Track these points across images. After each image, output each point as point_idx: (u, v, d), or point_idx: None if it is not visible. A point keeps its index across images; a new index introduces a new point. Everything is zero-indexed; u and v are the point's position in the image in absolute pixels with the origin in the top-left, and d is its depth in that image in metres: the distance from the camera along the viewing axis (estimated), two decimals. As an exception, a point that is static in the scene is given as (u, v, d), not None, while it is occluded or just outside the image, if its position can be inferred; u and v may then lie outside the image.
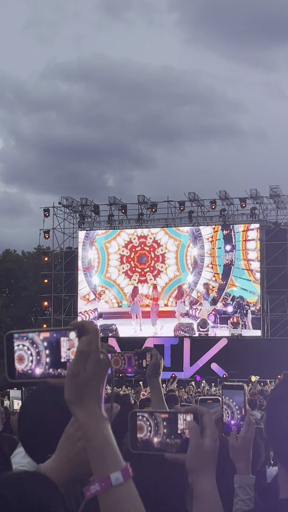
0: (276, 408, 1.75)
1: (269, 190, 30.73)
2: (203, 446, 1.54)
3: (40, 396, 2.43)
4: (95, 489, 1.26)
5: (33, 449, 2.40)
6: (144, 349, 3.08)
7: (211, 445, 1.54)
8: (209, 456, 1.53)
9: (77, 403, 1.30)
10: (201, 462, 1.53)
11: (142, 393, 16.64)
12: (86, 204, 33.31)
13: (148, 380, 3.04)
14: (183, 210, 31.72)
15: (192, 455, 1.53)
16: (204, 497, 1.53)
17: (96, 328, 1.34)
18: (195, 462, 1.52)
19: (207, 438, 1.55)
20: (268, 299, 30.63)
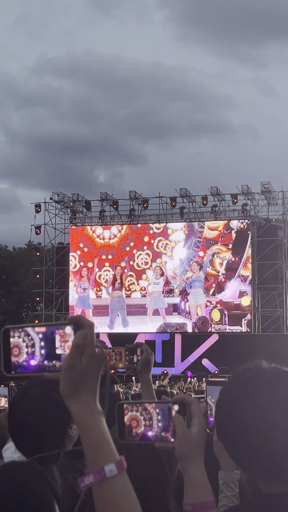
0: (226, 418, 1.68)
1: (261, 186, 30.77)
2: (190, 434, 1.57)
3: (30, 392, 2.43)
4: (89, 480, 1.28)
5: (24, 444, 2.40)
6: (135, 344, 3.08)
7: (198, 433, 1.58)
8: (196, 443, 1.57)
9: (72, 397, 1.32)
10: (189, 450, 1.57)
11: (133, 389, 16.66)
12: (77, 199, 33.25)
13: (139, 375, 3.05)
14: (174, 206, 31.72)
15: (179, 443, 1.56)
16: (193, 483, 1.56)
17: (92, 322, 1.36)
18: (183, 450, 1.55)
19: (194, 426, 1.59)
20: (259, 295, 30.70)
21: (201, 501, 1.55)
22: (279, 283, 30.38)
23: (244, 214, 31.15)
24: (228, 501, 2.17)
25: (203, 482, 1.57)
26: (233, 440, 1.66)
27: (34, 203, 33.14)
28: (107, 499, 1.28)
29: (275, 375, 1.69)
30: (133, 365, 3.02)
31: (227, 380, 1.79)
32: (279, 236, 30.97)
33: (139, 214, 32.60)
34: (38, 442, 2.31)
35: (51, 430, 2.33)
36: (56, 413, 2.29)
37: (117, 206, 32.65)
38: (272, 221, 31.35)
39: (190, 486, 1.57)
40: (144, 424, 1.65)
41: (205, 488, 1.57)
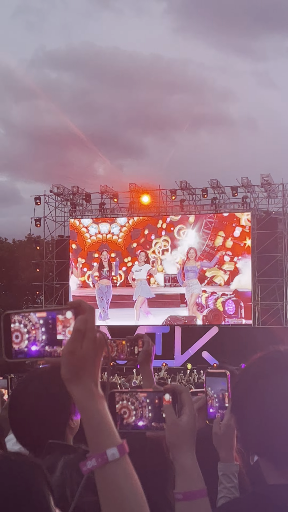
0: (242, 401, 1.71)
1: (261, 179, 30.73)
2: (180, 423, 1.59)
3: (30, 384, 2.44)
4: (91, 464, 1.29)
5: (24, 437, 2.41)
6: (136, 335, 3.08)
7: (188, 422, 1.59)
8: (187, 432, 1.58)
9: (74, 381, 1.32)
10: (180, 439, 1.58)
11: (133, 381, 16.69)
12: (77, 192, 33.20)
13: (140, 367, 3.05)
14: (174, 199, 31.69)
15: (170, 432, 1.58)
16: (184, 472, 1.57)
17: (92, 307, 1.36)
18: (173, 438, 1.56)
19: (185, 415, 1.60)
20: (259, 287, 30.71)
21: (192, 489, 1.56)
22: (279, 275, 30.38)
23: (244, 206, 31.12)
24: (227, 492, 2.18)
25: (193, 471, 1.58)
26: (248, 421, 1.66)
27: (34, 195, 33.12)
28: (110, 483, 1.29)
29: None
30: (134, 357, 3.03)
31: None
32: (279, 228, 30.94)
33: (139, 206, 32.56)
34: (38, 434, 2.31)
35: (52, 422, 2.33)
36: (57, 405, 2.30)
37: (117, 199, 32.62)
38: (272, 213, 31.32)
39: (181, 474, 1.58)
40: (135, 413, 1.66)
41: (196, 477, 1.58)
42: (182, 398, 1.63)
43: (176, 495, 1.58)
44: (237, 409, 1.72)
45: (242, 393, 1.70)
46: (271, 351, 1.76)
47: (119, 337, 3.09)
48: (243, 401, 1.69)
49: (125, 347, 3.01)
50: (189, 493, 1.56)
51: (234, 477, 2.19)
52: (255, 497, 1.69)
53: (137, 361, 3.02)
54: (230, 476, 2.19)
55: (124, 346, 3.01)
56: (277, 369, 1.68)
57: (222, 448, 2.16)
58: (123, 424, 1.67)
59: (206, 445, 2.12)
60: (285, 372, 1.67)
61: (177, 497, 1.58)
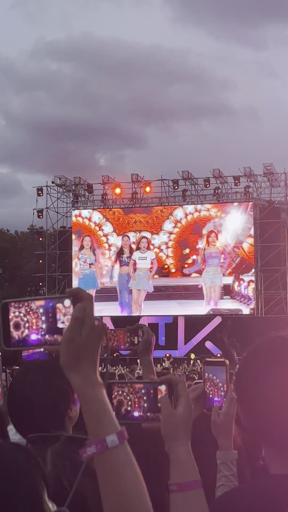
0: (245, 388, 1.72)
1: (263, 168, 30.66)
2: (176, 414, 1.59)
3: (28, 375, 2.44)
4: (91, 451, 1.30)
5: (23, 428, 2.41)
6: (135, 326, 3.08)
7: (184, 413, 1.59)
8: (182, 423, 1.58)
9: (73, 369, 1.32)
10: (175, 430, 1.58)
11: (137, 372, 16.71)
12: (79, 183, 33.18)
13: (140, 357, 3.04)
14: (177, 189, 31.64)
15: (165, 423, 1.58)
16: (179, 463, 1.57)
17: (91, 295, 1.36)
18: (169, 429, 1.57)
19: (181, 406, 1.60)
20: (262, 277, 30.70)
21: (186, 480, 1.56)
22: (282, 265, 30.36)
23: (246, 196, 31.08)
24: (226, 480, 2.17)
25: (188, 462, 1.58)
26: (253, 409, 1.67)
27: (36, 186, 33.12)
28: (109, 470, 1.30)
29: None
30: (134, 347, 3.02)
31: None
32: (281, 218, 30.89)
33: (141, 197, 32.54)
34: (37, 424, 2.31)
35: (51, 412, 2.33)
36: (55, 395, 2.30)
37: (120, 189, 32.58)
38: (274, 203, 31.27)
39: (176, 466, 1.58)
40: (131, 404, 1.66)
41: (191, 468, 1.58)
42: (178, 389, 1.62)
43: (171, 486, 1.57)
44: (242, 396, 1.72)
45: (248, 380, 1.70)
46: (274, 338, 1.76)
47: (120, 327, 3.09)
48: (248, 389, 1.69)
49: (125, 337, 3.01)
50: (183, 484, 1.56)
51: (233, 465, 2.18)
52: (255, 487, 1.69)
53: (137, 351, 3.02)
54: (229, 464, 2.18)
55: (124, 336, 3.01)
56: (282, 356, 1.68)
57: (221, 436, 2.15)
58: (119, 414, 1.66)
59: (205, 434, 2.10)
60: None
61: (172, 488, 1.57)
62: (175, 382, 1.63)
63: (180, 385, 1.63)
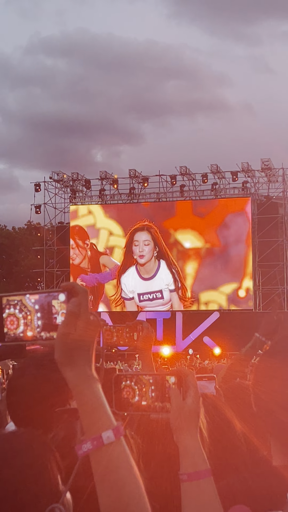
0: (262, 378, 1.75)
1: (261, 164, 30.66)
2: (185, 406, 1.61)
3: (26, 371, 2.43)
4: (87, 447, 1.29)
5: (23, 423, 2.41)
6: (135, 321, 3.07)
7: (193, 405, 1.61)
8: (191, 415, 1.60)
9: (67, 364, 1.31)
10: (184, 421, 1.60)
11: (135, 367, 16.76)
12: (77, 178, 33.15)
13: (139, 353, 3.04)
14: (174, 184, 31.63)
15: (174, 415, 1.60)
16: (188, 453, 1.59)
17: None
18: (178, 421, 1.59)
19: (190, 398, 1.62)
20: (260, 272, 30.72)
21: (196, 470, 1.57)
22: (279, 260, 30.40)
23: (244, 191, 31.07)
24: None
25: (197, 452, 1.59)
26: (267, 402, 1.70)
27: (33, 182, 33.09)
28: (105, 466, 1.29)
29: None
30: (134, 343, 3.02)
31: (261, 357, 1.83)
32: (279, 213, 30.91)
33: (139, 192, 32.53)
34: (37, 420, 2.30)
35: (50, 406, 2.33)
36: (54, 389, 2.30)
37: (117, 185, 32.56)
38: (272, 198, 31.28)
39: (185, 456, 1.60)
40: (139, 395, 1.67)
41: (200, 457, 1.59)
42: (187, 381, 1.64)
43: (181, 476, 1.59)
44: (256, 386, 1.75)
45: (262, 372, 1.74)
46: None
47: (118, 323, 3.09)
48: (263, 380, 1.72)
49: (125, 333, 3.00)
50: (193, 473, 1.57)
51: None
52: (257, 476, 1.73)
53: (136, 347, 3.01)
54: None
55: (123, 332, 3.01)
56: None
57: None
58: (127, 406, 1.67)
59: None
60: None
61: (182, 478, 1.58)
62: (184, 374, 1.65)
63: (189, 377, 1.64)
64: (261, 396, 1.74)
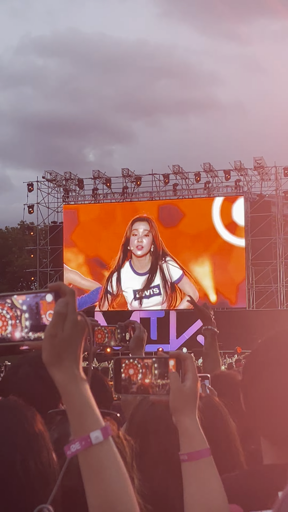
0: (252, 378, 1.76)
1: (253, 162, 30.69)
2: (184, 388, 1.64)
3: (20, 369, 2.43)
4: (75, 448, 1.29)
5: None
6: (127, 322, 3.07)
7: (192, 387, 1.64)
8: (190, 397, 1.63)
9: (55, 365, 1.32)
10: (183, 403, 1.63)
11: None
12: (70, 178, 33.11)
13: (132, 353, 3.04)
14: (167, 183, 31.63)
15: (174, 397, 1.63)
16: (188, 434, 1.62)
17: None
18: (177, 403, 1.62)
19: (188, 380, 1.65)
20: (253, 270, 30.77)
21: (196, 449, 1.60)
22: (273, 258, 30.44)
23: (237, 190, 31.11)
24: None
25: (197, 432, 1.62)
26: (256, 401, 1.72)
27: (26, 182, 33.04)
28: (94, 466, 1.30)
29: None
30: (126, 343, 3.02)
31: (250, 356, 1.85)
32: (272, 211, 30.95)
33: (132, 191, 32.53)
34: None
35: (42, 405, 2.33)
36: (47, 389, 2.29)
37: (110, 184, 32.55)
38: (265, 196, 31.32)
39: (185, 436, 1.62)
40: (143, 373, 1.70)
41: (199, 437, 1.62)
42: (186, 364, 1.67)
43: (181, 456, 1.62)
44: (246, 386, 1.77)
45: (255, 372, 1.75)
46: (283, 333, 1.81)
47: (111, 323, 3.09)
48: (254, 380, 1.74)
49: (116, 334, 3.00)
50: (193, 453, 1.60)
51: None
52: (248, 475, 1.75)
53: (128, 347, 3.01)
54: None
55: (115, 333, 3.01)
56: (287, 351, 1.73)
57: None
58: (128, 388, 1.70)
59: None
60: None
61: (182, 458, 1.62)
62: (183, 358, 1.67)
63: (188, 360, 1.67)
64: (250, 395, 1.75)
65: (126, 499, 1.31)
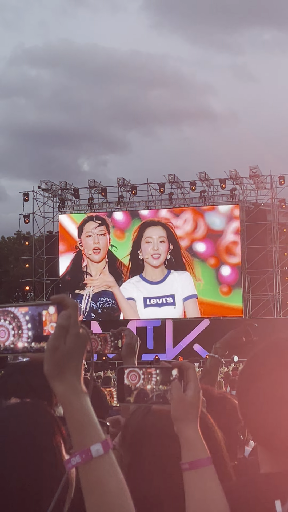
0: (248, 386, 1.76)
1: (249, 171, 30.77)
2: (186, 398, 1.65)
3: (10, 378, 2.43)
4: (76, 461, 1.29)
5: None
6: (119, 329, 3.06)
7: (193, 397, 1.65)
8: (192, 406, 1.65)
9: (56, 377, 1.32)
10: (184, 412, 1.64)
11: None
12: (65, 187, 33.13)
13: (124, 361, 3.03)
14: (163, 192, 31.67)
15: (175, 406, 1.65)
16: (189, 443, 1.63)
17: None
18: (179, 412, 1.64)
19: (190, 390, 1.66)
20: (250, 279, 30.77)
21: (197, 458, 1.61)
22: (269, 267, 30.47)
23: (232, 199, 31.16)
24: None
25: (197, 441, 1.63)
26: (251, 408, 1.72)
27: (22, 192, 33.05)
28: (94, 479, 1.29)
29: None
30: (118, 350, 3.02)
31: (246, 362, 1.84)
32: (268, 220, 31.00)
33: (128, 201, 32.55)
34: None
35: None
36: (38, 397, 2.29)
37: (106, 194, 32.56)
38: (261, 205, 31.38)
39: (186, 445, 1.63)
40: (144, 379, 1.72)
41: (200, 447, 1.63)
42: (189, 374, 1.68)
43: (183, 465, 1.62)
44: (241, 394, 1.78)
45: (250, 379, 1.75)
46: (279, 340, 1.80)
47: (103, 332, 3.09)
48: (250, 388, 1.74)
49: (109, 341, 3.00)
50: (194, 462, 1.61)
51: None
52: (244, 484, 1.74)
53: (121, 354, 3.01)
54: None
55: (108, 340, 3.00)
56: (284, 360, 1.72)
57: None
58: (129, 397, 1.72)
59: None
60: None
61: (184, 467, 1.62)
62: (186, 367, 1.69)
63: (190, 370, 1.69)
64: (246, 402, 1.75)
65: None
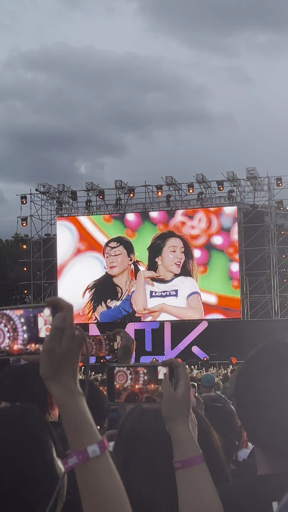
0: (245, 388, 1.77)
1: (246, 173, 30.79)
2: (176, 396, 1.65)
3: (6, 380, 2.43)
4: (72, 462, 1.30)
5: None
6: (114, 331, 3.06)
7: (184, 395, 1.65)
8: (182, 405, 1.65)
9: (53, 379, 1.32)
10: (175, 411, 1.64)
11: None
12: (63, 190, 33.12)
13: (120, 362, 3.03)
14: (161, 195, 31.68)
15: (166, 405, 1.65)
16: (181, 441, 1.63)
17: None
18: (169, 411, 1.63)
19: (181, 388, 1.66)
20: (247, 281, 30.78)
21: (189, 456, 1.61)
22: (266, 268, 30.49)
23: (230, 200, 31.18)
24: None
25: (189, 439, 1.63)
26: (248, 410, 1.73)
27: (19, 194, 33.03)
28: (91, 480, 1.30)
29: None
30: (114, 353, 3.01)
31: (243, 364, 1.85)
32: (265, 221, 31.04)
33: (125, 203, 32.56)
34: None
35: None
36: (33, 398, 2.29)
37: (103, 196, 32.58)
38: (258, 207, 31.41)
39: (178, 444, 1.63)
40: (132, 379, 1.71)
41: (192, 445, 1.63)
42: (178, 372, 1.68)
43: (175, 464, 1.62)
44: (239, 397, 1.78)
45: (247, 381, 1.76)
46: (276, 342, 1.81)
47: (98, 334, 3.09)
48: (246, 390, 1.75)
49: (104, 344, 2.99)
50: (186, 460, 1.61)
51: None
52: (242, 486, 1.75)
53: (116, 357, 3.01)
54: None
55: (103, 343, 3.00)
56: (281, 362, 1.73)
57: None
58: (120, 397, 1.71)
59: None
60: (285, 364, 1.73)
61: (176, 466, 1.62)
62: (175, 365, 1.69)
63: (180, 368, 1.69)
64: (243, 404, 1.76)
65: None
